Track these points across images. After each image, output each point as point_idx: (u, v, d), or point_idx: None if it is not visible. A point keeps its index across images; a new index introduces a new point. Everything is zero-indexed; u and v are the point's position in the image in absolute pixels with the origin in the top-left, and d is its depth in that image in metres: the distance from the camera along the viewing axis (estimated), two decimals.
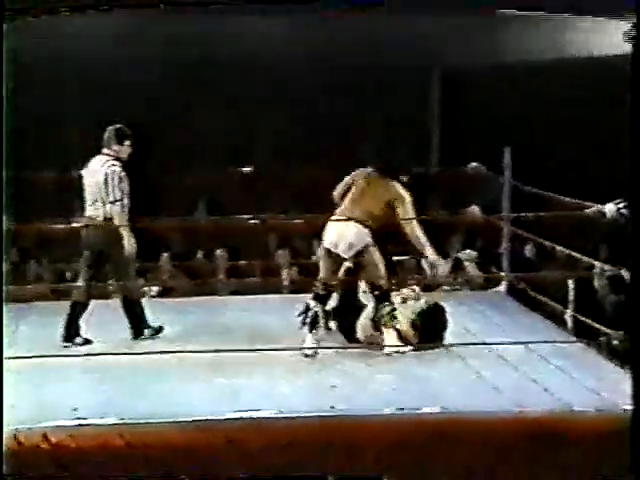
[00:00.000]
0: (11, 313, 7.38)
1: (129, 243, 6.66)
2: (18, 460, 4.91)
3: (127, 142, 6.74)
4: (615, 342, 6.77)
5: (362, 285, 6.72)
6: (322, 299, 6.53)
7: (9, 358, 5.08)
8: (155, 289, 9.48)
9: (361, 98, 10.76)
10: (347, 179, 6.77)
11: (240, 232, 9.88)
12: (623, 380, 5.89)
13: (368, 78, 10.80)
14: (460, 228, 10.24)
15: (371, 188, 6.59)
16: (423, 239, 6.54)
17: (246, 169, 9.74)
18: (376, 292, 6.50)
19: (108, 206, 6.65)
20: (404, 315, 6.51)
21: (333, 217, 6.59)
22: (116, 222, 6.64)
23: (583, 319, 7.04)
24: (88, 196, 6.77)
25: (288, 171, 10.07)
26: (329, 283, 6.56)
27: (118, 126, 6.77)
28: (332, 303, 6.68)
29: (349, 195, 6.65)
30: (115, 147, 6.72)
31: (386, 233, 6.60)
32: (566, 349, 6.45)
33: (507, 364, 6.15)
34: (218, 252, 9.95)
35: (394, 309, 6.49)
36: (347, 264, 6.60)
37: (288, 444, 5.07)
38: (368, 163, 6.74)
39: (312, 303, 6.49)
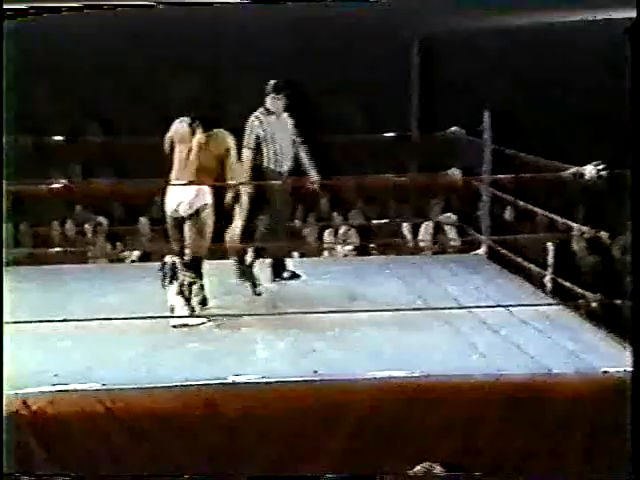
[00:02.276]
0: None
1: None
2: None
3: (274, 95, 7.09)
4: (593, 304, 6.81)
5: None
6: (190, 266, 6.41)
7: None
8: (136, 253, 9.45)
9: (342, 65, 10.71)
10: (168, 135, 6.59)
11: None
12: (602, 342, 5.96)
13: (350, 44, 10.75)
14: (440, 192, 10.23)
15: (201, 146, 6.46)
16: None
17: None
18: (186, 259, 6.39)
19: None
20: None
21: (172, 182, 6.47)
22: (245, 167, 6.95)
23: (562, 281, 7.07)
24: None
25: None
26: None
27: (276, 80, 7.15)
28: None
29: (178, 155, 6.51)
30: (268, 99, 7.09)
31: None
32: (545, 312, 6.48)
33: (487, 327, 6.16)
34: None
35: (194, 282, 6.37)
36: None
37: (268, 409, 5.09)
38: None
39: (169, 260, 6.43)
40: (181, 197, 6.40)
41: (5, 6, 4.91)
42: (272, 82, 7.16)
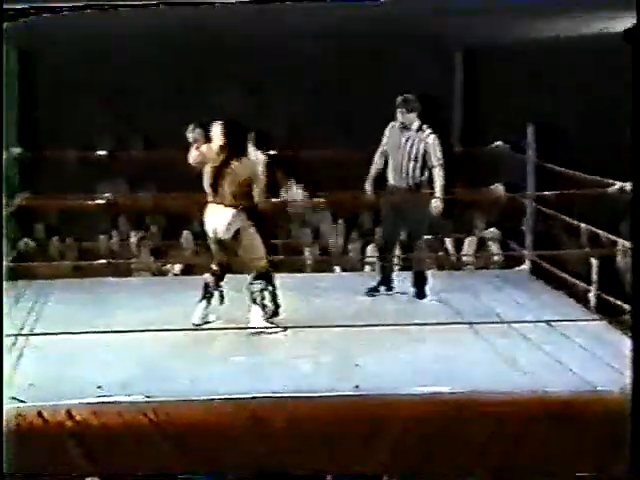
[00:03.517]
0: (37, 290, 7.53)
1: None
2: (42, 436, 4.97)
3: (400, 109, 7.25)
4: None
5: None
6: (218, 277, 6.61)
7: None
8: (178, 267, 9.50)
9: (382, 77, 10.69)
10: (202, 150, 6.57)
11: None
12: None
13: (389, 56, 10.74)
14: (484, 207, 10.19)
15: (231, 171, 6.48)
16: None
17: None
18: (254, 270, 6.48)
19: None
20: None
21: (210, 203, 6.55)
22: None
23: (606, 297, 7.01)
24: None
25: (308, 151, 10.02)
26: (222, 263, 6.59)
27: (405, 95, 7.29)
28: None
29: (213, 176, 6.53)
30: (399, 114, 7.26)
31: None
32: (589, 327, 6.43)
33: (530, 343, 6.13)
34: None
35: (265, 288, 6.46)
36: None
37: (311, 423, 5.09)
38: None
39: (208, 277, 6.61)
40: (218, 218, 6.48)
41: (5, 6, 4.94)
42: (403, 97, 7.29)
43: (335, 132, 10.64)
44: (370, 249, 9.81)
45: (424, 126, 7.29)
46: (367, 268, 9.72)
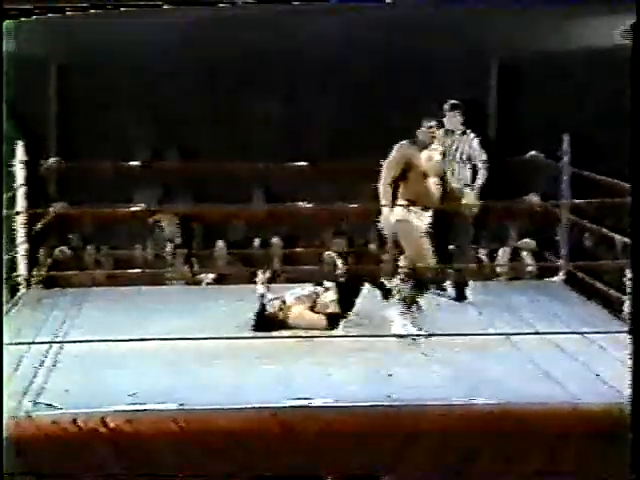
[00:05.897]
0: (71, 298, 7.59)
1: None
2: (76, 443, 5.00)
3: (451, 114, 7.54)
4: None
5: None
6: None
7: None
8: (211, 276, 9.53)
9: (415, 87, 10.67)
10: (398, 157, 6.65)
11: (296, 220, 9.87)
12: None
13: (422, 65, 10.71)
14: (518, 217, 10.14)
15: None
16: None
17: None
18: (404, 271, 6.52)
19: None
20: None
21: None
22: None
23: None
24: None
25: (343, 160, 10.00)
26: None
27: (452, 101, 7.62)
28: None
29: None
30: (447, 119, 7.52)
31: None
32: (625, 339, 6.37)
33: (565, 354, 6.09)
34: (274, 240, 9.95)
35: (418, 294, 6.47)
36: None
37: (343, 432, 5.09)
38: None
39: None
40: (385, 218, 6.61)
41: (6, 6, 4.96)
42: (450, 102, 7.57)
43: (370, 142, 10.60)
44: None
45: (468, 130, 7.60)
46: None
